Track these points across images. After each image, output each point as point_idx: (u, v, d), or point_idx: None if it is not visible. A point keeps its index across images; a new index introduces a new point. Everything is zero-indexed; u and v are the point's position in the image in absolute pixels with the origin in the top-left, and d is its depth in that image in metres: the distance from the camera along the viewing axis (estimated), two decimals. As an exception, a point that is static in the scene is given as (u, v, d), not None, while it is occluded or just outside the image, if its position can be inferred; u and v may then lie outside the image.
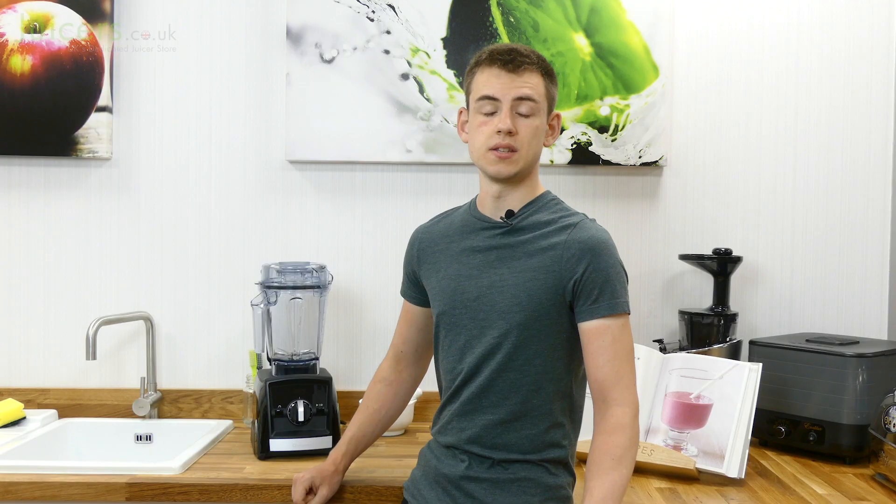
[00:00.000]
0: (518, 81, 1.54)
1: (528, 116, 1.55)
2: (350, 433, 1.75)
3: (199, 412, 2.31)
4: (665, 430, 1.92)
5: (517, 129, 1.53)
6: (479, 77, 1.57)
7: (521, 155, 1.54)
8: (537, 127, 1.56)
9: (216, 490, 1.77)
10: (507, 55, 1.55)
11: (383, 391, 1.77)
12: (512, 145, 1.53)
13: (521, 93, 1.53)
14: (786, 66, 2.33)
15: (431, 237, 1.69)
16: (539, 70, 1.56)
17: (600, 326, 1.51)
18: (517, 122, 1.54)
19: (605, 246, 1.53)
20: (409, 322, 1.76)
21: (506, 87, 1.53)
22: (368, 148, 2.28)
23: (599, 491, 1.41)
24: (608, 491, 1.41)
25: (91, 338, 2.05)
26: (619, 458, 1.44)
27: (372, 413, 1.76)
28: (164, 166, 2.32)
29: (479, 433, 1.55)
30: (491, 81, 1.55)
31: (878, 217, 2.33)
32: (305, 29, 2.27)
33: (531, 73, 1.55)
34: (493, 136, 1.54)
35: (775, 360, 2.03)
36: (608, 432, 1.47)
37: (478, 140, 1.57)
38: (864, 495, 1.73)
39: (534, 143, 1.56)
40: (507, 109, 1.53)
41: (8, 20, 2.26)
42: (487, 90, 1.55)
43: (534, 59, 1.56)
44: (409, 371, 1.78)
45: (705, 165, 2.34)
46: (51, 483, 1.76)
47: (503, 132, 1.53)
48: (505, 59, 1.54)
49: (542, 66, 1.57)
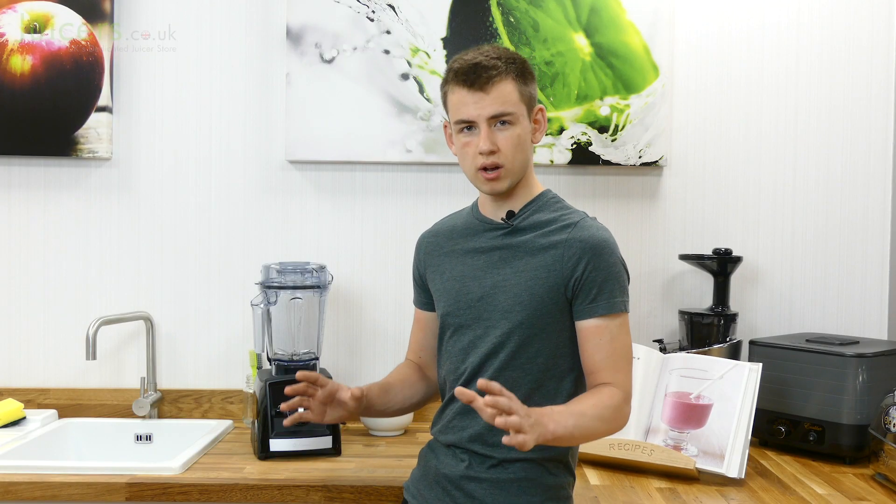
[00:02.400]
0: (488, 100, 1.51)
1: (508, 128, 1.53)
2: (380, 382, 1.68)
3: (199, 412, 2.31)
4: (665, 430, 1.92)
5: (498, 146, 1.52)
6: (450, 98, 1.56)
7: (507, 169, 1.54)
8: (519, 135, 1.54)
9: (216, 490, 1.77)
10: (472, 73, 1.51)
11: (408, 370, 1.73)
12: (496, 163, 1.53)
13: (493, 111, 1.51)
14: (786, 66, 2.33)
15: (436, 240, 1.70)
16: (509, 76, 1.52)
17: (598, 325, 1.51)
18: (497, 137, 1.52)
19: (606, 245, 1.53)
20: (423, 329, 1.75)
21: (478, 108, 1.52)
22: (368, 148, 2.28)
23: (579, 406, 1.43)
24: (577, 410, 1.42)
25: (91, 338, 2.05)
26: (602, 405, 1.45)
27: (403, 378, 1.70)
28: (164, 166, 2.32)
29: (480, 431, 1.55)
30: (462, 103, 1.53)
31: (878, 217, 2.33)
32: (305, 29, 2.27)
33: (500, 84, 1.51)
34: (477, 158, 1.53)
35: (775, 360, 2.03)
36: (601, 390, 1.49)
37: (465, 162, 1.57)
38: (864, 495, 1.73)
39: (519, 153, 1.55)
40: (485, 129, 1.52)
41: (8, 20, 2.26)
42: (461, 114, 1.54)
43: (501, 66, 1.52)
44: (433, 374, 1.74)
45: (705, 165, 2.34)
46: (51, 483, 1.76)
47: (485, 153, 1.52)
48: (470, 80, 1.51)
49: (511, 68, 1.53)
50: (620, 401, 1.49)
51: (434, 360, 1.73)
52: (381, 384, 1.68)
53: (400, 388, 1.69)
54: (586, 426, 1.43)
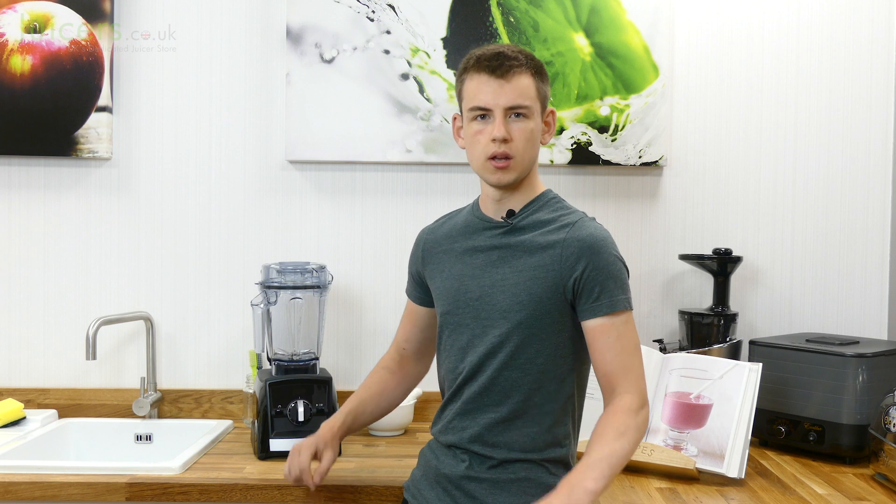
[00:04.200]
0: (507, 88, 1.52)
1: (522, 120, 1.54)
2: (349, 406, 1.73)
3: (199, 412, 2.31)
4: (665, 430, 1.92)
5: (511, 136, 1.53)
6: (468, 85, 1.56)
7: (517, 161, 1.54)
8: (532, 130, 1.55)
9: (216, 490, 1.77)
10: (495, 60, 1.53)
11: (385, 377, 1.77)
12: (507, 153, 1.53)
13: (512, 101, 1.52)
14: (786, 66, 2.33)
15: (436, 238, 1.70)
16: (529, 70, 1.54)
17: (604, 324, 1.51)
18: (511, 128, 1.53)
19: (604, 243, 1.53)
20: (412, 321, 1.77)
21: (496, 96, 1.52)
22: (368, 148, 2.28)
23: (597, 453, 1.40)
24: (607, 454, 1.39)
25: (91, 338, 2.05)
26: (623, 432, 1.43)
27: (373, 394, 1.76)
28: (164, 166, 2.32)
29: (480, 432, 1.55)
30: (481, 90, 1.53)
31: (878, 217, 2.33)
32: (305, 29, 2.27)
33: (520, 75, 1.53)
34: (489, 146, 1.53)
35: (775, 360, 2.03)
36: (614, 412, 1.46)
37: (475, 150, 1.57)
38: (864, 495, 1.73)
39: (529, 147, 1.55)
40: (500, 117, 1.52)
41: (8, 20, 2.26)
42: (478, 100, 1.54)
43: (522, 59, 1.54)
44: (411, 367, 1.79)
45: (705, 165, 2.34)
46: (51, 483, 1.76)
47: (498, 140, 1.52)
48: (493, 66, 1.52)
49: (531, 65, 1.55)
50: (637, 408, 1.47)
51: (416, 354, 1.78)
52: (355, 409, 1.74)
53: (375, 404, 1.76)
54: (618, 460, 1.41)
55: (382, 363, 1.80)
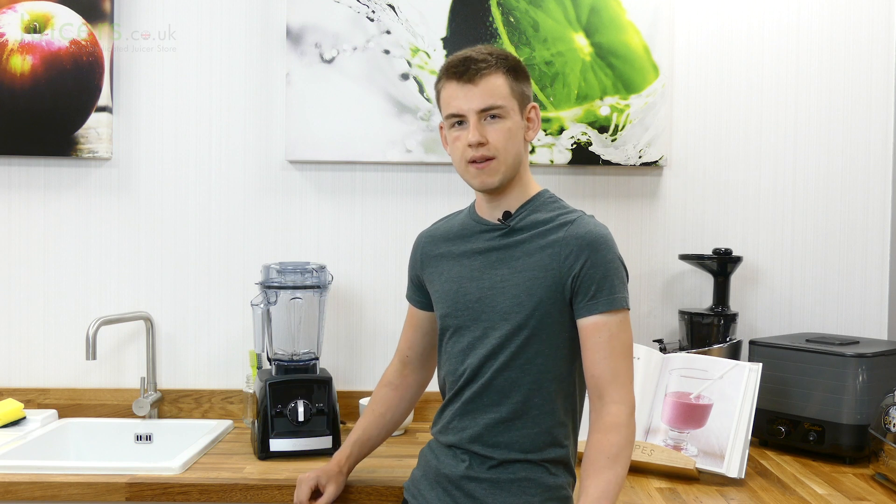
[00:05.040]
0: (475, 91, 1.52)
1: (498, 121, 1.53)
2: (354, 436, 1.75)
3: (199, 412, 2.31)
4: (665, 430, 1.92)
5: (487, 138, 1.52)
6: (443, 94, 1.57)
7: (500, 161, 1.54)
8: (510, 128, 1.54)
9: (216, 490, 1.77)
10: (462, 66, 1.53)
11: (388, 395, 1.77)
12: (486, 155, 1.53)
13: (483, 104, 1.52)
14: (786, 66, 2.33)
15: (434, 241, 1.69)
16: (500, 70, 1.53)
17: (598, 322, 1.50)
18: (486, 130, 1.53)
19: (604, 241, 1.53)
20: (414, 327, 1.76)
21: (467, 100, 1.52)
22: (368, 148, 2.28)
23: (595, 490, 1.41)
24: (603, 490, 1.41)
25: (91, 338, 2.05)
26: (615, 456, 1.44)
27: (377, 416, 1.76)
28: (164, 166, 2.32)
29: (480, 432, 1.55)
30: (453, 97, 1.54)
31: (878, 217, 2.33)
32: (305, 29, 2.27)
33: (489, 77, 1.52)
34: (466, 150, 1.54)
35: (775, 360, 2.03)
36: (604, 430, 1.46)
37: (456, 157, 1.57)
38: (864, 495, 1.73)
39: (510, 146, 1.54)
40: (474, 121, 1.52)
41: (8, 20, 2.26)
42: (451, 108, 1.54)
43: (491, 61, 1.53)
44: (414, 376, 1.78)
45: (705, 165, 2.34)
46: (51, 483, 1.76)
47: (473, 144, 1.52)
48: (460, 71, 1.53)
49: (502, 65, 1.54)
50: (625, 422, 1.47)
51: (419, 361, 1.77)
52: (360, 438, 1.74)
53: (381, 427, 1.76)
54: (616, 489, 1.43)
55: (384, 380, 1.80)
